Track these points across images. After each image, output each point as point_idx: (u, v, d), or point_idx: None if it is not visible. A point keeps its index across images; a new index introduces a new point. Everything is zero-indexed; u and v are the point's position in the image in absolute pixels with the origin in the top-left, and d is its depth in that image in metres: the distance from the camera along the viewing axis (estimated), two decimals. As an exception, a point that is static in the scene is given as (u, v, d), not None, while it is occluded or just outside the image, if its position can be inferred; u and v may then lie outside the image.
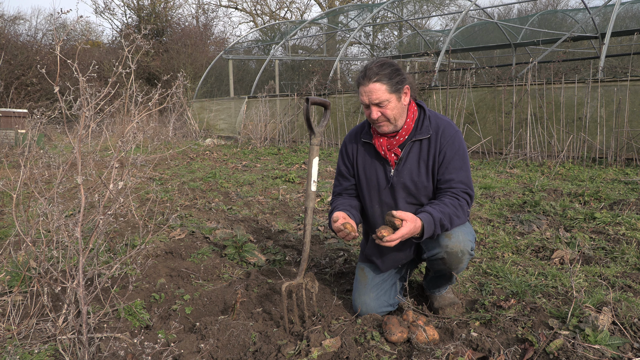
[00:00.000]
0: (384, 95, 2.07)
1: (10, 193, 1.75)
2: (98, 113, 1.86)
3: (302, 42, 18.42)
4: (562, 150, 6.56)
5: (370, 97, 2.08)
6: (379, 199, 2.28)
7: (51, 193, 1.85)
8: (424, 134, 2.18)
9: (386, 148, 2.22)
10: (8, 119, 9.47)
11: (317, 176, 2.16)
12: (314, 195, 2.16)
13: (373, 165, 2.29)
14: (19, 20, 18.67)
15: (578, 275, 2.60)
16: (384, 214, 2.18)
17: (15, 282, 2.33)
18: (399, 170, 2.21)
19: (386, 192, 2.26)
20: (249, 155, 8.77)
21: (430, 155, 2.17)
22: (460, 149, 2.17)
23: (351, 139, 2.39)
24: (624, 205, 3.98)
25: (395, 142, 2.20)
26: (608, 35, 7.49)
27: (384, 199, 2.27)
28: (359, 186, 2.36)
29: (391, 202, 2.25)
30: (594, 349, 1.75)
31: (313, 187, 2.15)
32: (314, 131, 2.14)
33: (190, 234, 3.47)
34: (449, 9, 21.02)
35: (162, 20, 19.50)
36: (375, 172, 2.28)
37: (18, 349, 1.87)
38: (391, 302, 2.31)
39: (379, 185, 2.27)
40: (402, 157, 2.20)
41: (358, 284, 2.35)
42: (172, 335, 2.08)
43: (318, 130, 2.15)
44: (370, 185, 2.30)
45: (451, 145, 2.16)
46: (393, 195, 2.24)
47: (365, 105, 2.12)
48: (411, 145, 2.20)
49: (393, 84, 2.08)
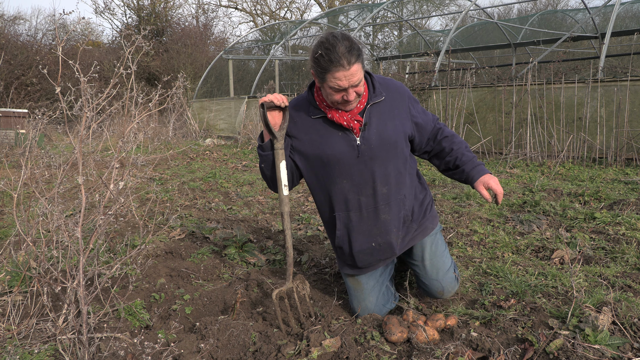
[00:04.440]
0: (360, 74, 1.95)
1: (11, 193, 1.76)
2: (99, 113, 1.86)
3: (302, 42, 18.40)
4: (562, 150, 6.56)
5: (352, 80, 1.92)
6: (349, 173, 2.12)
7: (51, 193, 1.85)
8: (378, 97, 2.11)
9: (349, 118, 2.07)
10: (8, 119, 9.47)
11: (286, 180, 2.11)
12: (287, 199, 2.13)
13: (333, 137, 2.10)
14: (19, 20, 18.67)
15: (578, 275, 2.60)
16: (357, 186, 2.11)
17: (15, 282, 2.33)
18: (365, 137, 2.08)
19: (357, 164, 2.11)
20: (249, 155, 8.77)
21: (392, 114, 2.14)
22: (409, 93, 2.23)
23: (297, 113, 2.16)
24: (624, 205, 3.98)
25: (356, 110, 2.08)
26: (608, 35, 7.49)
27: (354, 172, 2.11)
28: (310, 171, 2.18)
29: (365, 172, 2.12)
30: (594, 349, 1.75)
31: (285, 191, 2.11)
32: (275, 135, 2.06)
33: (190, 234, 3.47)
34: (449, 9, 21.02)
35: (162, 20, 19.50)
36: (339, 145, 2.10)
37: (18, 349, 1.87)
38: (390, 300, 2.32)
39: (347, 157, 2.10)
40: (365, 121, 2.08)
41: (354, 292, 2.29)
42: (172, 335, 2.08)
43: (279, 134, 2.07)
44: (339, 159, 2.10)
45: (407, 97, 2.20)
46: (365, 165, 2.11)
47: (342, 89, 1.96)
48: (370, 109, 2.10)
49: (362, 58, 1.96)
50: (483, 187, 2.20)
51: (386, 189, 2.15)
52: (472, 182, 2.23)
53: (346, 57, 1.88)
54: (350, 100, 2.00)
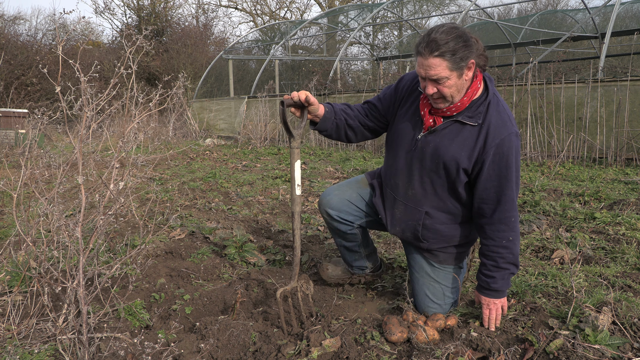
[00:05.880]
0: (443, 72, 1.82)
1: (11, 193, 1.76)
2: (99, 113, 1.86)
3: (302, 42, 18.41)
4: (562, 150, 6.56)
5: (428, 72, 1.84)
6: (398, 154, 2.13)
7: (51, 193, 1.85)
8: (472, 120, 1.93)
9: (427, 111, 2.01)
10: (8, 119, 9.47)
11: (300, 180, 2.12)
12: (299, 199, 2.13)
13: (412, 118, 2.09)
14: (19, 20, 18.66)
15: (578, 275, 2.60)
16: (396, 169, 2.14)
17: (15, 282, 2.33)
18: (427, 139, 2.01)
19: (404, 155, 2.10)
20: (249, 155, 8.77)
21: (467, 147, 1.94)
22: (507, 156, 1.90)
23: (411, 81, 2.14)
24: (624, 205, 3.98)
25: (440, 112, 1.99)
26: (608, 35, 7.49)
27: (400, 156, 2.12)
28: (391, 134, 2.19)
29: (407, 165, 2.10)
30: (594, 348, 1.75)
31: (298, 191, 2.11)
32: (292, 134, 2.05)
33: (190, 234, 3.47)
34: (449, 9, 21.02)
35: (162, 20, 19.49)
36: (409, 126, 2.09)
37: (18, 349, 1.87)
38: (349, 211, 2.37)
39: (403, 142, 2.10)
40: (437, 128, 1.98)
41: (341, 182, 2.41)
42: (172, 335, 2.08)
43: (297, 132, 2.07)
44: (398, 138, 2.13)
45: (497, 151, 1.90)
46: (408, 161, 2.09)
47: (422, 77, 1.89)
48: (452, 122, 1.97)
49: (456, 60, 1.81)
50: (479, 300, 2.11)
51: (411, 193, 2.13)
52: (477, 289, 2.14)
53: (429, 47, 1.80)
54: (430, 94, 1.90)
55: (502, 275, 2.01)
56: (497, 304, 2.03)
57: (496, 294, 2.03)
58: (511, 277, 2.06)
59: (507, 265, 2.01)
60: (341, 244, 2.48)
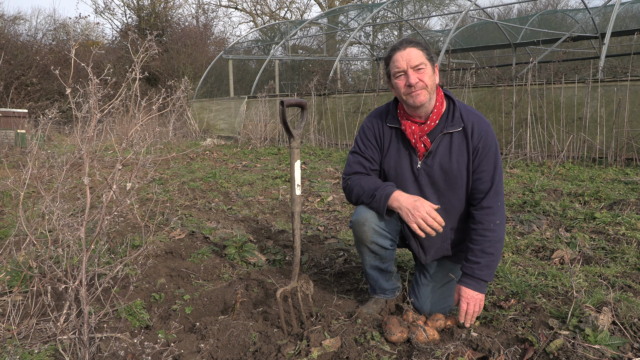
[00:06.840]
0: (422, 59, 2.00)
1: (11, 193, 1.76)
2: (103, 113, 1.86)
3: (302, 42, 18.41)
4: (562, 150, 6.57)
5: (410, 59, 1.99)
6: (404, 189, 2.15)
7: (51, 192, 1.85)
8: (455, 126, 2.07)
9: (418, 136, 2.10)
10: (8, 119, 9.47)
11: (300, 180, 2.12)
12: (299, 199, 2.13)
13: (399, 153, 2.16)
14: (19, 20, 18.67)
15: (578, 275, 2.60)
16: None
17: (15, 282, 2.33)
18: (427, 164, 2.11)
19: (413, 186, 2.15)
20: (249, 155, 8.77)
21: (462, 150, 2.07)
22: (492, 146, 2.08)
23: (377, 120, 2.22)
24: (624, 205, 3.98)
25: (426, 128, 2.09)
26: (608, 35, 7.49)
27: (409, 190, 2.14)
28: (385, 176, 2.23)
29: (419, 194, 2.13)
30: (594, 349, 1.75)
31: (297, 191, 2.10)
32: (292, 134, 2.05)
33: (190, 234, 3.47)
34: (449, 9, 21.01)
35: (162, 20, 19.49)
36: (401, 161, 2.16)
37: (18, 349, 1.87)
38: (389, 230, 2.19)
39: (405, 176, 2.15)
40: (431, 149, 2.08)
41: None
42: (172, 335, 2.08)
43: (296, 132, 2.07)
44: (398, 175, 2.17)
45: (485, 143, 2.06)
46: (420, 190, 2.14)
47: (402, 71, 2.02)
48: (441, 138, 2.09)
49: (429, 53, 2.05)
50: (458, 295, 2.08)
51: None
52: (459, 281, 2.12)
53: (406, 42, 2.03)
54: (413, 84, 1.98)
55: (487, 261, 2.03)
56: (476, 298, 2.02)
57: (478, 285, 2.03)
58: (495, 269, 2.07)
59: (493, 250, 2.04)
60: (376, 266, 2.27)
